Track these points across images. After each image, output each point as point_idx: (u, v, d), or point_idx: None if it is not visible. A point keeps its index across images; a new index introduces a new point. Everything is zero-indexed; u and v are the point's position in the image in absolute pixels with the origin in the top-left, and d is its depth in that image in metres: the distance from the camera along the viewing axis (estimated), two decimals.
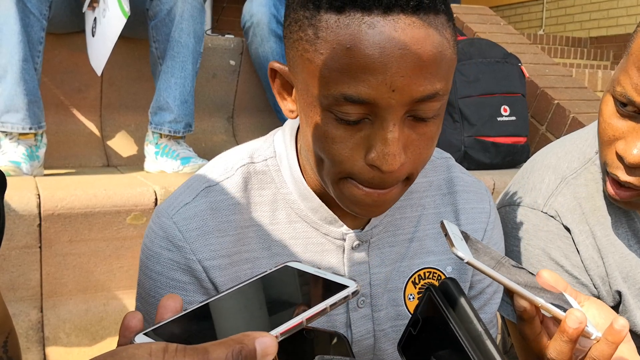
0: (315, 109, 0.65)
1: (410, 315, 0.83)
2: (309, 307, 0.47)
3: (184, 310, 0.49)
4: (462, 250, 0.58)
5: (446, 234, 0.61)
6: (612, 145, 0.86)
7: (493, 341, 0.54)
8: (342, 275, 0.52)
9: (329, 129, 0.64)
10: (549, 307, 0.61)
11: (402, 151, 0.64)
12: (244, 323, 0.48)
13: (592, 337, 0.62)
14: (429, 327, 0.58)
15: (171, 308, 0.49)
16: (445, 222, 0.63)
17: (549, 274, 0.66)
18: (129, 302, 1.64)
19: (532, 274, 0.67)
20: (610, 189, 0.87)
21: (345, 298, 0.48)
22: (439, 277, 0.85)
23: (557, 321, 0.64)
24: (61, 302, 1.57)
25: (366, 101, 0.61)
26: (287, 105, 0.72)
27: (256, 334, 0.41)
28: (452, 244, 0.59)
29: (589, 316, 0.65)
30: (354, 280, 0.50)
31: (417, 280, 0.84)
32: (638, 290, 0.96)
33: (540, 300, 0.61)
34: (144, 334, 0.46)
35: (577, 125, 2.65)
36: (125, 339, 0.46)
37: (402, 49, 0.59)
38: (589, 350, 0.63)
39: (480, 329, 0.54)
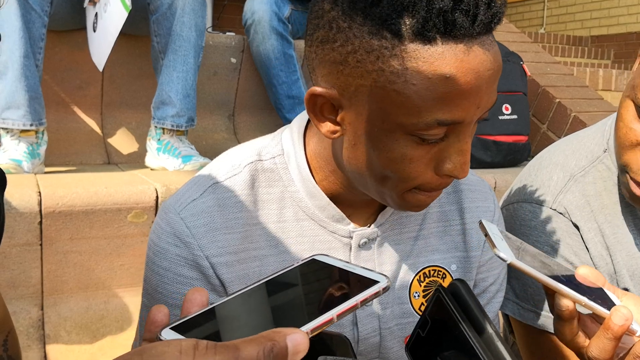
0: (391, 134, 0.65)
1: (415, 313, 0.83)
2: (339, 302, 0.45)
3: (211, 304, 0.48)
4: (504, 251, 0.58)
5: (486, 234, 0.60)
6: (634, 150, 0.85)
7: (504, 342, 0.54)
8: (372, 270, 0.50)
9: (407, 151, 0.65)
10: (592, 306, 0.60)
11: None
12: (273, 318, 0.47)
13: (638, 334, 0.61)
14: (438, 328, 0.58)
15: (198, 302, 0.48)
16: (484, 221, 0.62)
17: (589, 270, 0.65)
18: (130, 300, 1.64)
19: (571, 269, 0.66)
20: (635, 188, 0.86)
21: (376, 294, 0.47)
22: (444, 275, 0.85)
23: (596, 318, 0.63)
24: (62, 300, 1.56)
25: (456, 122, 0.63)
26: (326, 126, 0.70)
27: (287, 331, 0.39)
28: (493, 245, 0.58)
29: None
30: (385, 276, 0.48)
31: (422, 278, 0.84)
32: None
33: (584, 299, 0.60)
34: (170, 328, 0.45)
35: (578, 123, 2.65)
36: (151, 334, 0.46)
37: (490, 69, 0.62)
38: (633, 347, 0.62)
39: (490, 330, 0.54)
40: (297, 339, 0.39)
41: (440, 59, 0.60)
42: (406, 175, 0.67)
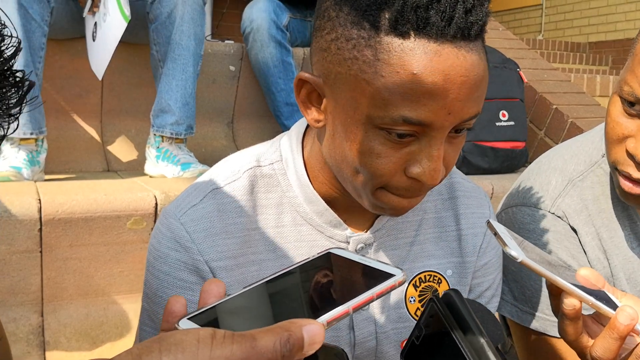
0: (362, 126, 0.65)
1: (411, 317, 0.84)
2: (355, 295, 0.45)
3: (227, 296, 0.48)
4: (515, 250, 0.58)
5: (495, 233, 0.61)
6: (622, 144, 0.86)
7: (495, 352, 0.54)
8: (387, 264, 0.50)
9: (375, 145, 0.65)
10: (599, 305, 0.61)
11: (442, 165, 0.67)
12: (289, 310, 0.47)
13: None
14: (431, 338, 0.58)
15: (214, 293, 0.48)
16: (492, 221, 0.63)
17: (590, 271, 0.65)
18: (129, 306, 1.64)
19: (573, 271, 0.67)
20: (625, 184, 0.87)
21: (392, 287, 0.46)
22: (439, 280, 0.85)
23: (599, 318, 0.63)
24: (62, 307, 1.57)
25: (423, 123, 0.63)
26: (312, 114, 0.72)
27: (303, 322, 0.40)
28: (504, 244, 0.59)
29: None
30: (400, 269, 0.48)
31: (417, 283, 0.84)
32: (639, 292, 0.97)
33: (591, 299, 0.61)
34: (188, 318, 0.45)
35: (575, 130, 2.66)
36: (169, 324, 0.46)
37: (463, 75, 0.62)
38: (636, 347, 0.62)
39: (482, 340, 0.54)
40: (313, 330, 0.39)
41: (410, 54, 0.61)
42: (373, 171, 0.67)
